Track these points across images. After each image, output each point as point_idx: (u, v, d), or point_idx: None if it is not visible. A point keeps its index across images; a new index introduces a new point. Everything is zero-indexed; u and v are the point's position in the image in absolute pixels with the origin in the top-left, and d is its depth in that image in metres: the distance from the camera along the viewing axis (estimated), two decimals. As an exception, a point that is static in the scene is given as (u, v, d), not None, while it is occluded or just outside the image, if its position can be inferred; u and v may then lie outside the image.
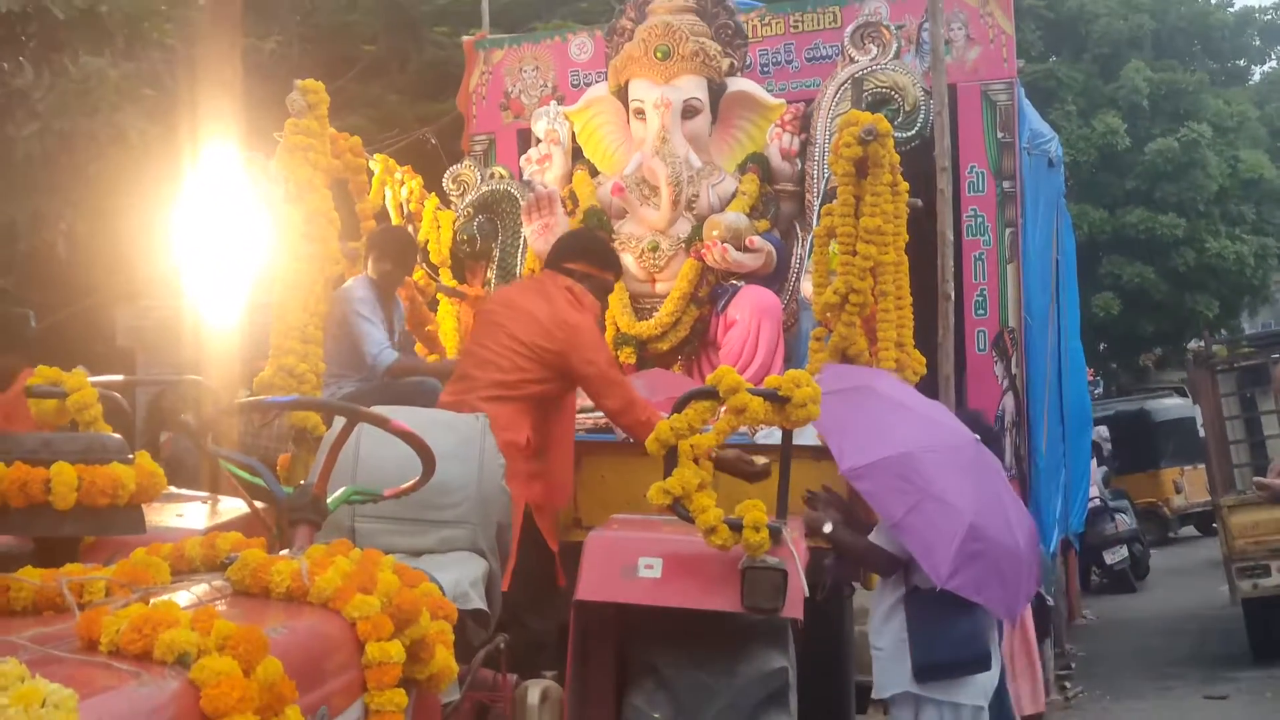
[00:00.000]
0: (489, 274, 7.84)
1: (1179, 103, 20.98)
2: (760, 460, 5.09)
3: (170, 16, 7.48)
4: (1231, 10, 24.60)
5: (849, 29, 7.74)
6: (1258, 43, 25.45)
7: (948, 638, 4.93)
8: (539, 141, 8.13)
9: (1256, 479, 7.48)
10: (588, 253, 5.76)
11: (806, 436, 4.85)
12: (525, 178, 8.03)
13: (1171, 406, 20.09)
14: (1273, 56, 26.42)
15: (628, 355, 7.30)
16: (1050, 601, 9.14)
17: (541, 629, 5.13)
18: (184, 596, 2.55)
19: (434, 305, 7.88)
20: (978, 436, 5.52)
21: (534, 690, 4.33)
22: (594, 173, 7.95)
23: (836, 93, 7.47)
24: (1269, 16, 25.33)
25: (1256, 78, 26.42)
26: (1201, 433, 13.47)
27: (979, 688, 5.10)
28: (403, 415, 3.52)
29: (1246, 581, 10.38)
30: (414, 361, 6.42)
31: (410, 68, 13.68)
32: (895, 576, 5.12)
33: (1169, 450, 19.21)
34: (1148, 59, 21.23)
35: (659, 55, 7.48)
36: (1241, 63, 25.71)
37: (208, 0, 7.94)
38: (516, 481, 4.85)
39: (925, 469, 4.96)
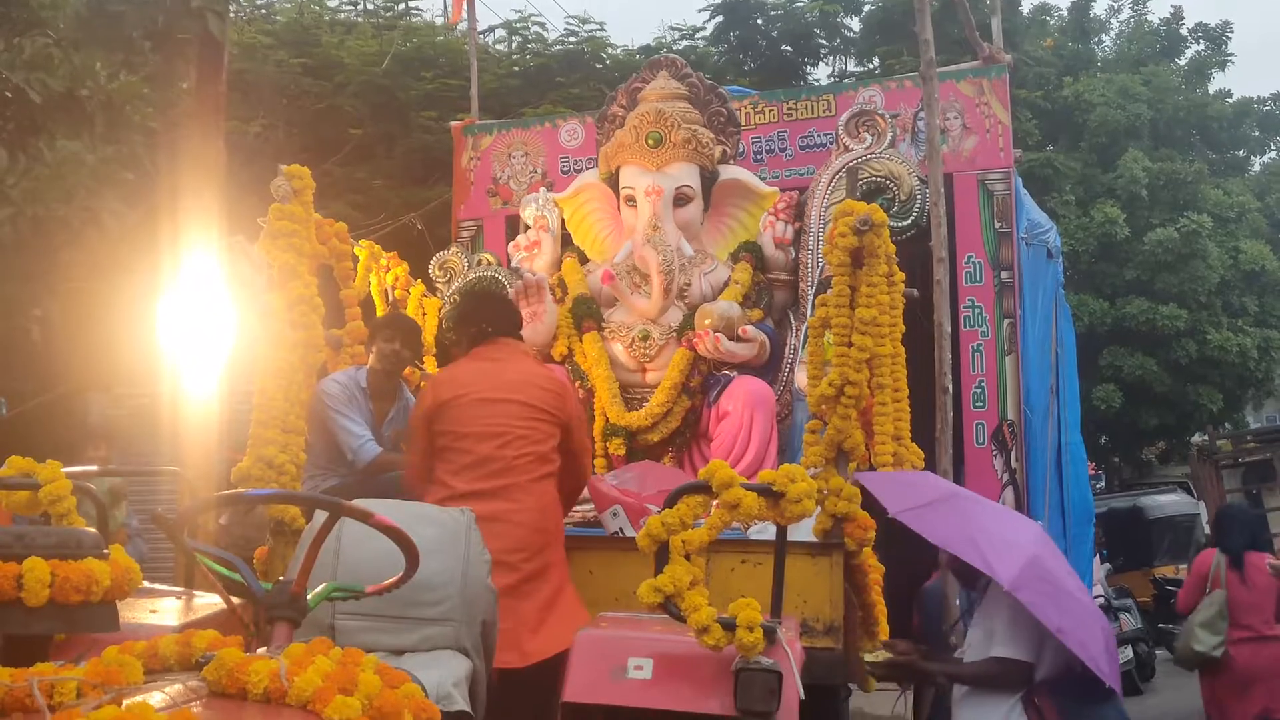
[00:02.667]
0: (475, 362, 7.67)
1: (1178, 193, 20.93)
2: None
3: (152, 100, 7.39)
4: (1230, 101, 24.69)
5: (843, 117, 7.72)
6: (1257, 133, 25.49)
7: None
8: (528, 228, 8.08)
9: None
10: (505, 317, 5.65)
11: (800, 532, 4.75)
12: (513, 264, 7.95)
13: (1166, 503, 19.68)
14: (1272, 147, 26.49)
15: (617, 446, 7.16)
16: None
17: None
18: (158, 698, 2.46)
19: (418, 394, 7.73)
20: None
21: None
22: (583, 260, 7.89)
23: (831, 181, 7.41)
24: (1268, 107, 25.37)
25: (1256, 168, 26.51)
26: (1206, 529, 13.19)
27: None
28: (386, 509, 3.45)
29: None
30: (397, 455, 6.23)
31: (397, 152, 13.74)
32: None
33: (1162, 548, 18.85)
34: (1146, 148, 21.26)
35: (650, 142, 7.43)
36: (1241, 153, 25.80)
37: (192, 83, 7.93)
38: (561, 570, 5.06)
39: (1049, 566, 4.77)
